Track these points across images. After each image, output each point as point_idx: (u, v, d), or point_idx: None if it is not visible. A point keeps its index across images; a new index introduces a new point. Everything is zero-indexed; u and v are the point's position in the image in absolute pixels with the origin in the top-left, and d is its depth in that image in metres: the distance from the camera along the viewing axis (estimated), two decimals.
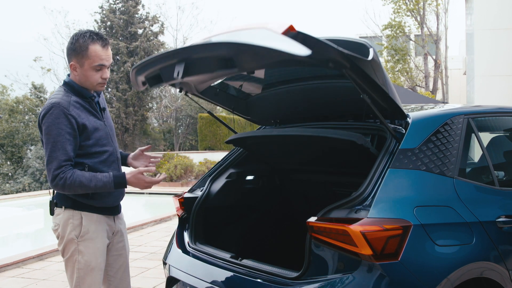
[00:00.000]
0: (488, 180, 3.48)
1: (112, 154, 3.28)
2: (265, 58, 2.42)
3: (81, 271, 3.18)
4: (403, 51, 31.21)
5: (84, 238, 3.18)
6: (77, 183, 3.02)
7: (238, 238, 4.41)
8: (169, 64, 2.87)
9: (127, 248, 3.55)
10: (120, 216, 3.49)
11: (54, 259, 7.63)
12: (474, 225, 3.00)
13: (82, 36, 3.10)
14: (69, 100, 3.10)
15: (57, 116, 3.02)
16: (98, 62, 3.10)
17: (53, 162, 3.01)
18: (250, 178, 4.57)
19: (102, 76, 3.16)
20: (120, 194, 3.35)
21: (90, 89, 3.21)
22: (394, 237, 2.67)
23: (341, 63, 2.59)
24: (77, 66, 3.13)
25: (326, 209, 2.87)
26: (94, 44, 3.08)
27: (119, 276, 3.48)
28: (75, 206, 3.20)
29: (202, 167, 21.70)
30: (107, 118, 3.37)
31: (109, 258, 3.41)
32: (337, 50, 2.49)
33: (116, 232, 3.41)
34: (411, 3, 30.58)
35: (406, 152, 3.01)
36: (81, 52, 3.08)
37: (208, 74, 2.90)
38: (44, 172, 26.47)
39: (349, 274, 2.70)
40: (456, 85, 36.24)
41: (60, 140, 3.00)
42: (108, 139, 3.26)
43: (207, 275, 3.53)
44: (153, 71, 3.05)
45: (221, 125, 27.95)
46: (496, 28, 14.38)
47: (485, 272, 3.01)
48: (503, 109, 4.10)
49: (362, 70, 2.69)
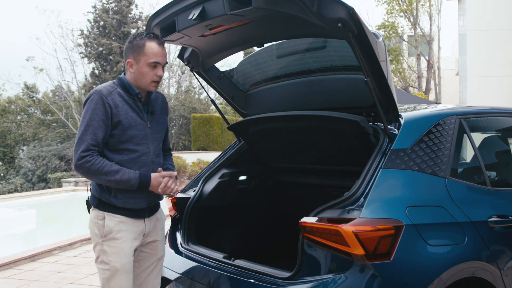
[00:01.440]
0: (480, 180, 3.49)
1: (145, 155, 3.22)
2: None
3: (106, 272, 3.15)
4: (396, 51, 31.26)
5: (108, 238, 3.15)
6: (104, 170, 3.02)
7: (231, 239, 4.40)
8: (186, 5, 3.08)
9: (160, 250, 3.44)
10: (155, 217, 3.39)
11: (46, 260, 7.60)
12: (466, 225, 3.01)
13: (139, 35, 3.19)
14: (112, 90, 3.16)
15: (95, 102, 3.08)
16: (153, 59, 3.14)
17: (82, 144, 3.03)
18: (243, 178, 4.57)
19: (157, 73, 3.18)
20: (144, 197, 3.23)
21: (144, 88, 3.23)
22: (386, 237, 2.68)
23: (351, 26, 2.72)
24: (133, 63, 3.18)
25: (319, 209, 2.87)
26: (150, 41, 3.15)
27: (144, 277, 3.38)
28: (100, 206, 3.20)
29: (195, 167, 21.67)
30: (156, 122, 3.34)
31: (138, 255, 3.33)
32: (349, 9, 2.68)
33: (148, 234, 3.33)
34: (404, 4, 30.65)
35: (398, 152, 3.02)
36: (138, 49, 3.15)
37: (224, 18, 2.99)
38: (36, 172, 26.38)
39: (342, 274, 2.70)
40: (449, 86, 36.33)
41: (93, 124, 3.04)
42: (145, 141, 3.23)
43: (200, 276, 3.52)
44: (169, 17, 3.25)
45: (214, 125, 28.01)
46: (489, 29, 14.44)
47: (477, 271, 3.02)
48: (495, 110, 4.12)
49: (368, 42, 2.76)
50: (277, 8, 2.80)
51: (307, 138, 3.99)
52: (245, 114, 4.41)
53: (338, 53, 3.79)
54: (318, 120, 3.63)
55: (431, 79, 31.42)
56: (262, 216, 4.73)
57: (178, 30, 3.27)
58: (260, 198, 4.69)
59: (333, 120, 3.46)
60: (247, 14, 2.95)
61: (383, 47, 3.02)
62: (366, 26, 2.80)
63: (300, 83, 4.04)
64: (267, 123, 4.03)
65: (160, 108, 3.41)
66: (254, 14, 2.97)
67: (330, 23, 2.79)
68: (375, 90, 3.03)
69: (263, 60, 4.25)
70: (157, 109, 3.37)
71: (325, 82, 3.88)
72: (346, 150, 3.78)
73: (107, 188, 3.16)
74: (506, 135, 4.50)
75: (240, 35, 3.51)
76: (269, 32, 3.52)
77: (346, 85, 3.72)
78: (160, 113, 3.40)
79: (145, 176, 3.15)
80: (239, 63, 4.44)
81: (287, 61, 4.07)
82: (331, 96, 3.80)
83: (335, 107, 3.67)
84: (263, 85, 4.31)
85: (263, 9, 2.82)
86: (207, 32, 3.32)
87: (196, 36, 3.41)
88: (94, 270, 6.81)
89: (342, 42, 3.31)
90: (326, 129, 3.70)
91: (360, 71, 3.19)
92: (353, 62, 3.31)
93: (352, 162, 3.80)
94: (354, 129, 3.34)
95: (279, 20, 3.17)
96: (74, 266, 7.24)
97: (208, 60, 3.98)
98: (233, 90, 4.34)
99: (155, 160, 3.28)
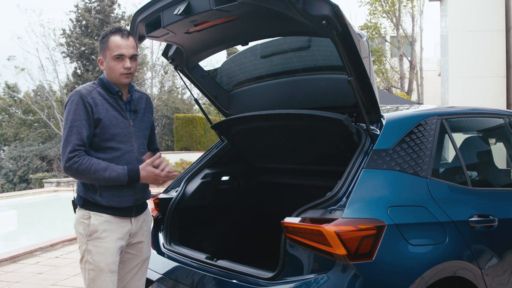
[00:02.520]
0: (461, 180, 3.52)
1: (129, 153, 3.22)
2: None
3: (91, 272, 3.14)
4: (378, 52, 31.45)
5: (93, 238, 3.14)
6: (92, 169, 3.02)
7: (214, 239, 4.39)
8: (171, 1, 3.11)
9: (145, 252, 3.42)
10: (141, 218, 3.36)
11: (27, 261, 7.53)
12: (447, 225, 3.03)
13: (106, 32, 3.25)
14: (92, 90, 3.18)
15: (76, 102, 3.10)
16: (117, 52, 3.16)
17: (68, 146, 3.03)
18: (226, 178, 4.56)
19: (124, 65, 3.18)
20: (130, 195, 3.22)
21: (118, 83, 3.23)
22: (368, 237, 2.69)
23: (335, 24, 2.75)
24: (103, 59, 3.23)
25: (301, 209, 2.88)
26: (113, 35, 3.18)
27: (128, 278, 3.36)
28: (85, 205, 3.19)
29: (178, 168, 21.62)
30: (140, 121, 3.35)
31: (123, 256, 3.31)
32: (333, 7, 2.69)
33: (134, 234, 3.32)
34: (386, 5, 30.83)
35: (380, 152, 3.03)
36: (103, 45, 3.20)
37: (209, 13, 3.02)
38: (17, 173, 26.16)
39: (324, 274, 2.71)
40: (431, 86, 36.60)
41: (76, 124, 3.06)
42: (129, 139, 3.23)
43: (183, 276, 3.51)
44: (154, 13, 3.28)
45: (197, 125, 27.96)
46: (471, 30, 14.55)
47: (459, 271, 3.04)
48: (476, 110, 4.15)
49: (352, 41, 2.79)
50: (262, 4, 2.81)
51: (290, 137, 3.99)
52: (228, 114, 4.40)
53: (322, 53, 3.81)
54: (302, 119, 3.64)
55: (413, 80, 31.66)
56: (244, 216, 4.73)
57: (163, 26, 3.28)
58: (242, 199, 4.69)
59: (317, 118, 3.47)
60: (233, 10, 2.96)
61: (367, 46, 3.04)
62: (350, 24, 2.81)
63: (283, 83, 4.05)
64: (250, 122, 4.03)
65: (144, 107, 3.42)
66: (239, 10, 2.98)
67: (314, 21, 2.80)
68: (358, 89, 3.05)
69: (247, 60, 4.25)
70: (140, 108, 3.38)
71: (308, 82, 3.89)
72: (329, 149, 3.79)
73: (92, 186, 3.15)
74: (487, 135, 4.55)
75: (225, 33, 3.52)
76: (254, 30, 3.52)
77: (329, 85, 3.73)
78: (144, 112, 3.40)
79: (133, 171, 3.14)
80: (223, 63, 4.44)
81: (271, 61, 4.08)
82: (314, 96, 3.81)
83: (318, 107, 3.67)
84: (246, 85, 4.31)
85: (249, 5, 2.83)
86: (192, 28, 3.33)
87: (181, 32, 3.42)
88: (76, 271, 6.76)
89: (326, 42, 3.32)
90: (309, 128, 3.71)
91: (343, 71, 3.20)
92: (336, 62, 3.32)
93: (334, 162, 3.81)
94: (337, 128, 3.35)
95: (264, 17, 3.18)
96: (55, 267, 7.18)
97: (193, 58, 3.98)
98: (217, 90, 4.34)
99: (139, 158, 3.27)
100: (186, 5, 3.02)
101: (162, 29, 3.32)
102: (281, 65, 4.06)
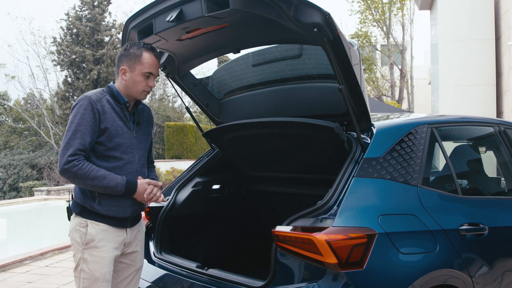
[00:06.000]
0: (451, 189, 3.53)
1: (131, 164, 3.22)
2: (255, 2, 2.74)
3: (86, 281, 3.12)
4: (369, 60, 31.57)
5: (89, 246, 3.12)
6: (91, 175, 3.00)
7: (204, 248, 4.38)
8: (164, 7, 3.13)
9: (138, 262, 3.41)
10: (136, 228, 3.37)
11: (17, 270, 7.48)
12: (438, 233, 3.03)
13: (137, 44, 3.22)
14: (102, 97, 3.16)
15: (85, 107, 3.07)
16: (148, 69, 3.17)
17: (70, 149, 3.00)
18: (217, 187, 4.55)
19: (149, 84, 3.22)
20: (128, 206, 3.21)
21: (135, 96, 3.25)
22: (359, 245, 2.69)
23: (326, 32, 2.76)
24: (128, 70, 3.20)
25: (292, 218, 2.88)
26: (148, 52, 3.18)
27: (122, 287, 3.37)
28: (82, 213, 3.16)
29: (169, 176, 21.55)
30: (142, 133, 3.36)
31: (117, 265, 3.30)
32: (325, 15, 2.72)
33: (128, 244, 3.31)
34: (377, 13, 30.97)
35: (371, 161, 3.04)
36: (134, 58, 3.17)
37: (201, 20, 3.03)
38: (7, 181, 25.99)
39: (315, 283, 2.70)
40: (422, 95, 36.79)
41: (81, 129, 3.03)
42: (131, 149, 3.23)
43: (173, 285, 3.50)
44: (146, 20, 3.29)
45: (188, 133, 27.91)
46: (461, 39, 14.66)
47: (449, 279, 3.05)
48: (466, 119, 4.17)
49: (343, 49, 2.80)
50: (254, 11, 2.82)
51: (281, 145, 4.00)
52: (218, 122, 4.40)
53: (313, 62, 3.82)
54: (293, 127, 3.65)
55: (404, 88, 31.76)
56: (235, 225, 4.72)
57: (155, 32, 3.29)
58: (233, 207, 4.68)
59: (308, 126, 3.48)
60: (225, 17, 2.97)
61: (358, 55, 3.05)
62: (341, 32, 2.83)
63: (274, 92, 4.06)
64: (241, 130, 4.03)
65: (146, 120, 3.43)
66: (231, 17, 2.98)
67: (306, 28, 2.81)
68: (348, 97, 3.05)
69: (239, 68, 4.26)
70: (143, 120, 3.39)
71: (299, 90, 3.90)
72: (320, 158, 3.79)
73: (91, 194, 3.13)
74: (477, 144, 4.57)
75: (216, 40, 3.52)
76: (246, 37, 3.53)
77: (320, 93, 3.74)
78: (146, 124, 3.42)
79: (132, 183, 3.14)
80: (214, 71, 4.44)
81: (263, 69, 4.09)
82: (305, 104, 3.82)
83: (309, 115, 3.68)
84: (238, 93, 4.32)
85: (241, 12, 2.84)
86: (184, 35, 3.33)
87: (173, 39, 3.42)
88: (66, 280, 6.72)
89: (317, 50, 3.33)
90: (300, 136, 3.72)
91: (334, 80, 3.21)
92: (327, 70, 3.34)
93: (325, 170, 3.81)
94: (328, 136, 3.36)
95: (256, 25, 3.19)
96: (45, 276, 7.13)
97: (184, 66, 3.99)
98: (208, 98, 4.34)
99: (140, 169, 3.28)
100: (178, 12, 3.03)
101: (154, 35, 3.32)
102: (272, 73, 4.06)
